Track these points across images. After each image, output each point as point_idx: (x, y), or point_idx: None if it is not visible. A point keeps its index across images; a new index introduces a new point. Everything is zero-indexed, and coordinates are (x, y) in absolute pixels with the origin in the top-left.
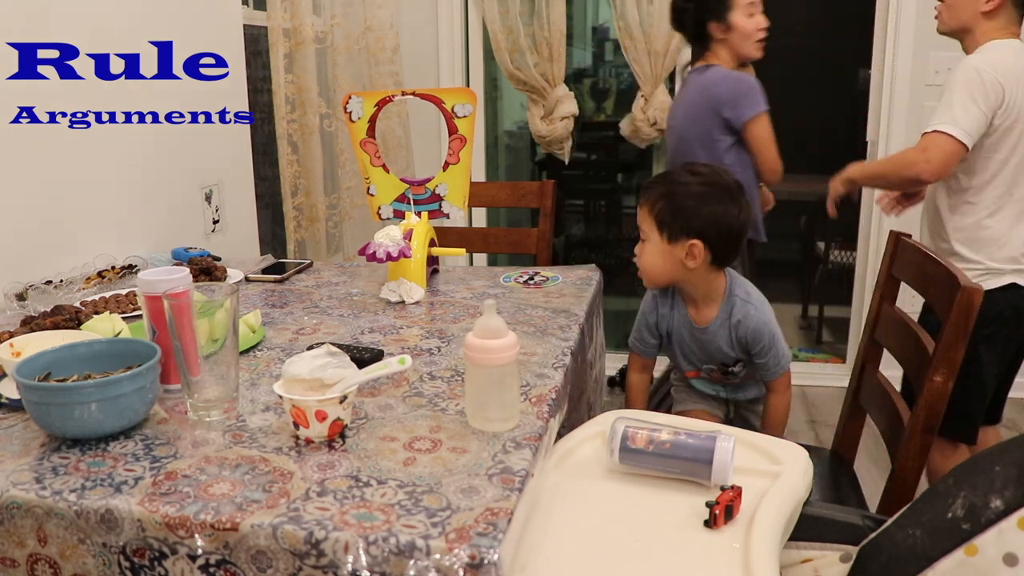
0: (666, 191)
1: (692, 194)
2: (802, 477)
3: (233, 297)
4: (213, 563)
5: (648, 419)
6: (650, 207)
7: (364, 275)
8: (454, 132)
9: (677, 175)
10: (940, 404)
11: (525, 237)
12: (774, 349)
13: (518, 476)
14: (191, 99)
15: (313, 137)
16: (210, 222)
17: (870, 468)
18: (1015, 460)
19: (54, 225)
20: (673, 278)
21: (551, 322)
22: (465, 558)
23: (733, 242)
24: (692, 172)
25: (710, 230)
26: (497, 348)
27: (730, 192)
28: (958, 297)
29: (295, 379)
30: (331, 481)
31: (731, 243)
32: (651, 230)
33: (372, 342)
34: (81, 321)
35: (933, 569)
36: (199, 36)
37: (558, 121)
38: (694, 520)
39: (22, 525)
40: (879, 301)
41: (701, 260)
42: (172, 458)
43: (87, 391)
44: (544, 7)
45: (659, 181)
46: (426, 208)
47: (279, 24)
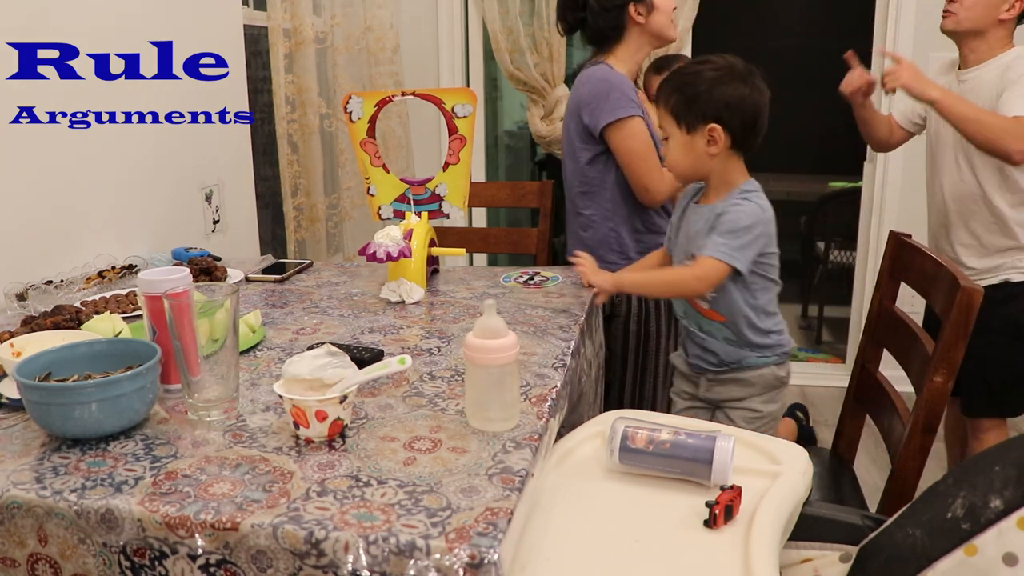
0: (679, 83)
1: (704, 79)
2: (802, 477)
3: (233, 297)
4: (213, 563)
5: (648, 419)
6: (665, 103)
7: (364, 275)
8: (454, 132)
9: (687, 67)
10: (940, 404)
11: (525, 237)
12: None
13: (518, 476)
14: (191, 99)
15: (313, 137)
16: (210, 222)
17: (870, 468)
18: (1015, 460)
19: (54, 225)
20: (699, 169)
21: (551, 322)
22: (465, 558)
23: (751, 121)
24: (701, 62)
25: (725, 112)
26: (497, 348)
27: (740, 74)
28: (958, 297)
29: (295, 379)
30: (331, 481)
31: (749, 123)
32: (670, 125)
33: (372, 342)
34: (81, 321)
35: (933, 569)
36: (199, 36)
37: (558, 121)
38: (694, 520)
39: (22, 525)
40: (879, 301)
41: (723, 144)
42: (172, 458)
43: (87, 391)
44: (544, 7)
45: (671, 77)
46: (426, 208)
47: (279, 24)
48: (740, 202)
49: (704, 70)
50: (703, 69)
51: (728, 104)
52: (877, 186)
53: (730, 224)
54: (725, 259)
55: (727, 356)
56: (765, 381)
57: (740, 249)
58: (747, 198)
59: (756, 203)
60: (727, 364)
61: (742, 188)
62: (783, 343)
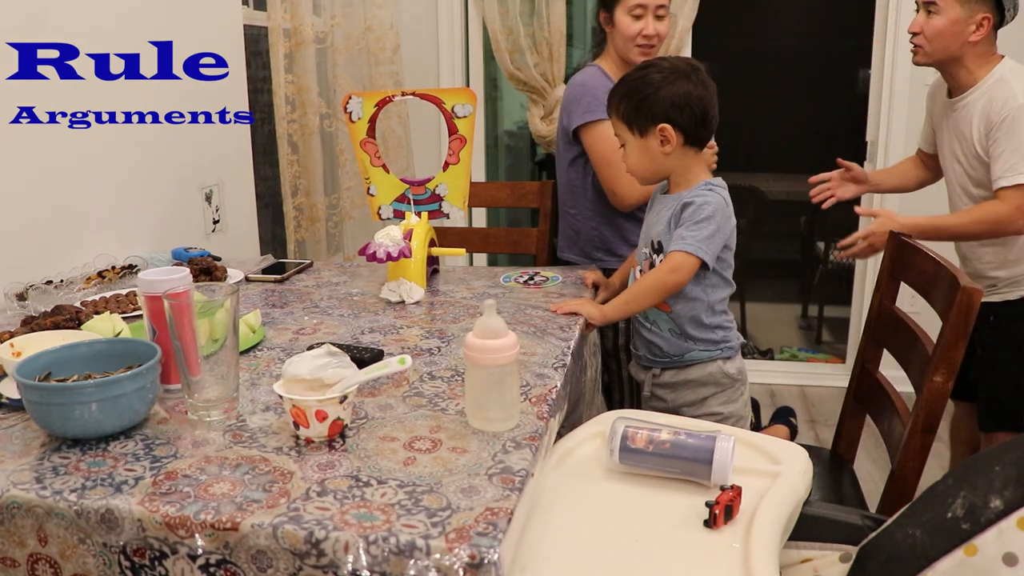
0: (626, 90)
1: (650, 83)
2: (802, 477)
3: (233, 297)
4: (213, 563)
5: (648, 419)
6: (616, 111)
7: (364, 275)
8: (454, 132)
9: (633, 74)
10: (940, 404)
11: (525, 237)
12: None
13: (518, 476)
14: (191, 99)
15: (313, 137)
16: (210, 222)
17: (870, 468)
18: (1015, 460)
19: (54, 225)
20: (658, 170)
21: (551, 322)
22: (465, 558)
23: (700, 116)
24: (645, 66)
25: (673, 111)
26: (497, 348)
27: (684, 72)
28: (958, 297)
29: (295, 379)
30: (331, 481)
31: (698, 117)
32: (624, 132)
33: (372, 342)
34: (81, 321)
35: (933, 569)
36: (199, 36)
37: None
38: (694, 520)
39: (22, 525)
40: (879, 301)
41: (676, 142)
42: (172, 458)
43: (87, 391)
44: (544, 7)
45: (619, 86)
46: (426, 208)
47: (279, 24)
48: (704, 192)
49: (648, 74)
50: (647, 73)
51: (674, 103)
52: None
53: (694, 214)
54: (693, 251)
55: (670, 348)
56: (714, 379)
57: (707, 241)
58: (712, 189)
59: (720, 195)
60: (670, 357)
61: (708, 181)
62: (729, 339)
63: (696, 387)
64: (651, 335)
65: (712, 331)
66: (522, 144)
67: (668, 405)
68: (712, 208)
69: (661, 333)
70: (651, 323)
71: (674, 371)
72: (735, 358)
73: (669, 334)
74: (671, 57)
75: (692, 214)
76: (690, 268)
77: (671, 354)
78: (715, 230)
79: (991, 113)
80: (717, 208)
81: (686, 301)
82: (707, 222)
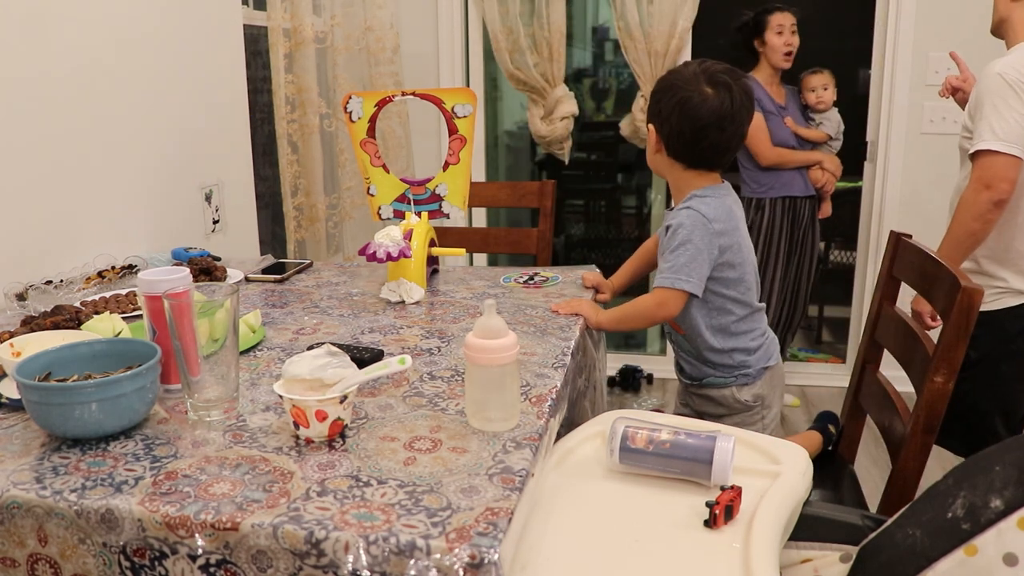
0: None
1: (667, 81)
2: (802, 477)
3: (233, 297)
4: (213, 563)
5: (648, 419)
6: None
7: (364, 275)
8: (454, 132)
9: (673, 67)
10: (940, 404)
11: (525, 237)
12: (668, 260)
13: (518, 476)
14: (191, 99)
15: (313, 137)
16: (210, 222)
17: (870, 468)
18: (1015, 460)
19: (54, 225)
20: (655, 167)
21: (551, 322)
22: (465, 558)
23: (694, 129)
24: (686, 64)
25: (660, 118)
26: (497, 348)
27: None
28: (959, 297)
29: (295, 379)
30: (331, 481)
31: (685, 136)
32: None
33: (372, 342)
34: (81, 321)
35: (933, 569)
36: (199, 36)
37: (558, 121)
38: (694, 520)
39: (22, 525)
40: (879, 301)
41: (660, 149)
42: (172, 458)
43: (87, 391)
44: (544, 7)
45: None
46: (426, 208)
47: (279, 24)
48: (678, 213)
49: (675, 71)
50: (678, 70)
51: (671, 112)
52: (877, 186)
53: (670, 241)
54: (672, 284)
55: (691, 371)
56: (728, 403)
57: (686, 269)
58: (689, 206)
59: (696, 211)
60: (693, 379)
61: (692, 194)
62: (747, 364)
63: (715, 404)
64: (678, 355)
65: (728, 355)
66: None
67: (692, 412)
68: (686, 232)
69: (683, 355)
70: (676, 343)
71: (695, 386)
72: (753, 384)
73: (688, 356)
74: (719, 64)
75: (668, 241)
76: (675, 301)
77: (693, 376)
78: (693, 254)
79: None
80: (693, 229)
81: (692, 325)
82: (682, 248)
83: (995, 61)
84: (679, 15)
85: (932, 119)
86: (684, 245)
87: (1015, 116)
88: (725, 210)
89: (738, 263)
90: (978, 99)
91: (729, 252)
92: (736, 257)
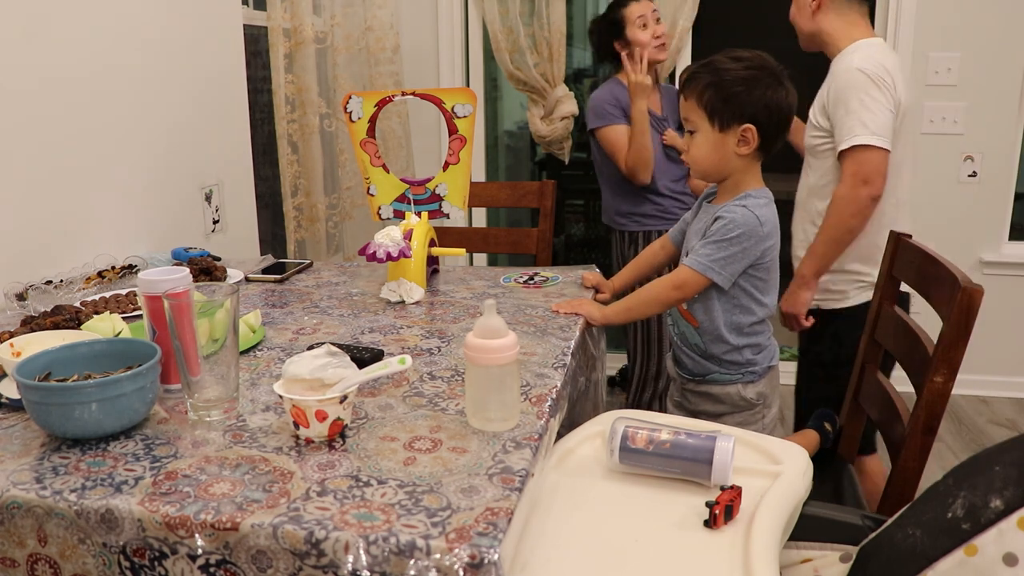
0: (713, 79)
1: (740, 79)
2: (802, 477)
3: (233, 297)
4: (213, 563)
5: (648, 419)
6: (698, 97)
7: (364, 275)
8: (454, 132)
9: (720, 62)
10: (941, 404)
11: (525, 237)
12: (711, 247)
13: (518, 476)
14: (191, 99)
15: (313, 137)
16: (210, 222)
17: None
18: (1015, 460)
19: (54, 225)
20: (723, 168)
21: (551, 322)
22: (465, 558)
23: (783, 125)
24: (735, 58)
25: (762, 114)
26: (497, 348)
27: (776, 75)
28: (958, 297)
29: (295, 379)
30: (331, 481)
31: (781, 126)
32: (700, 120)
33: (372, 342)
34: (81, 321)
35: (933, 569)
36: (199, 36)
37: (558, 121)
38: (694, 520)
39: (22, 525)
40: (879, 301)
41: (753, 145)
42: (172, 458)
43: (87, 391)
44: (544, 7)
45: (703, 70)
46: (426, 208)
47: (279, 24)
48: (735, 208)
49: (738, 68)
50: (737, 67)
51: (767, 106)
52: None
53: (719, 233)
54: (703, 271)
55: (693, 367)
56: (732, 401)
57: (722, 262)
58: (745, 204)
59: (753, 212)
60: (694, 375)
61: (747, 193)
62: (755, 362)
63: (715, 402)
64: (679, 350)
65: (738, 352)
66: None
67: (688, 410)
68: (739, 229)
69: (687, 349)
70: (680, 335)
71: (695, 383)
72: (758, 382)
73: (693, 351)
74: (754, 52)
75: (718, 230)
76: (695, 286)
77: (694, 372)
78: (736, 253)
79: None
80: (746, 228)
81: (711, 319)
82: (727, 243)
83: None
84: (679, 15)
85: (932, 119)
86: (731, 241)
87: (881, 109)
88: (773, 215)
89: (773, 268)
90: (838, 96)
91: (768, 256)
92: (773, 262)
